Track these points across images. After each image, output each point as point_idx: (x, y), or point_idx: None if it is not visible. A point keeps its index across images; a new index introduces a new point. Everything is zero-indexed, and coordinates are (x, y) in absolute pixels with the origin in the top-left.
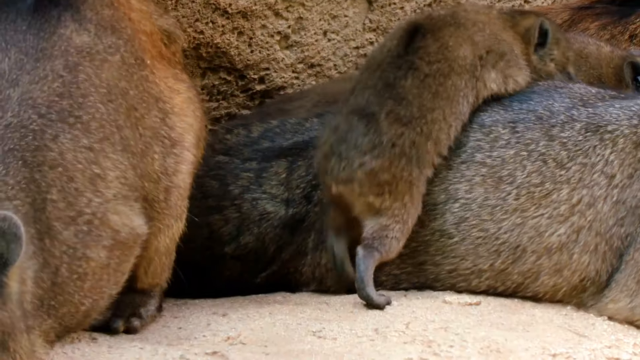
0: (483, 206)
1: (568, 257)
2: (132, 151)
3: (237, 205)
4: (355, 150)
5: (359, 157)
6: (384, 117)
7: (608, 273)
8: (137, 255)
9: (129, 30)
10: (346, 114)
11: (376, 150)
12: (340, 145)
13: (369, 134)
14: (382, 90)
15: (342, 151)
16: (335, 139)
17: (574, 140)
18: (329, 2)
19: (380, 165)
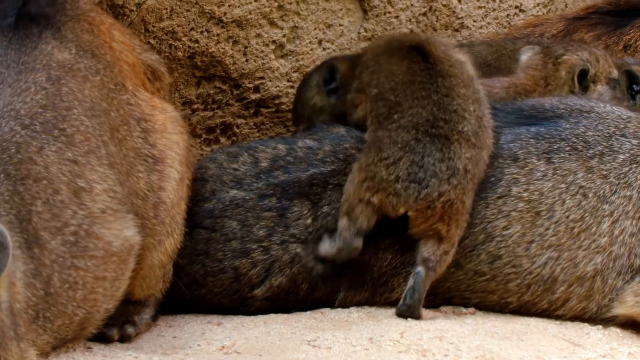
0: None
1: (602, 283)
2: (119, 169)
3: (265, 247)
4: (435, 178)
5: (439, 186)
6: (456, 139)
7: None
8: (132, 269)
9: (108, 57)
10: (414, 132)
11: (454, 178)
12: (418, 170)
13: (445, 160)
14: (438, 106)
15: (421, 178)
16: (409, 161)
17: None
18: (324, 11)
19: (457, 195)
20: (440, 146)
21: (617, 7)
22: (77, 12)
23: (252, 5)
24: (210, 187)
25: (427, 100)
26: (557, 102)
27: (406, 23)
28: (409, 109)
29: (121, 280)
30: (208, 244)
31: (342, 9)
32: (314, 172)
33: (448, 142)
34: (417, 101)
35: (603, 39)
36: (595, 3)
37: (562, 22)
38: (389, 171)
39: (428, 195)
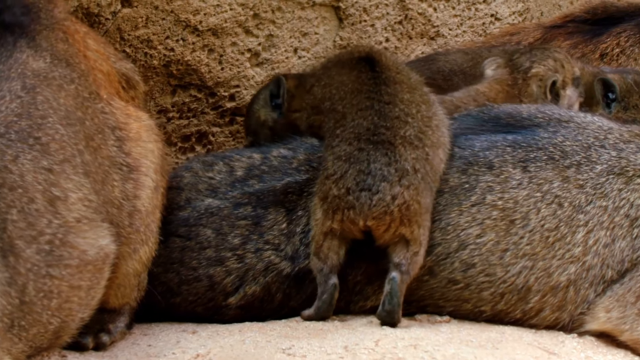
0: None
1: (575, 294)
2: (94, 177)
3: (239, 255)
4: (385, 182)
5: (390, 189)
6: (400, 142)
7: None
8: (107, 278)
9: (83, 66)
10: (356, 143)
11: (404, 179)
12: (366, 178)
13: (392, 163)
14: (379, 115)
15: (370, 185)
16: (356, 171)
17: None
18: (299, 19)
19: (411, 196)
20: (385, 151)
21: (594, 16)
22: (51, 21)
23: (228, 14)
24: (185, 195)
25: (369, 111)
26: (535, 111)
27: (382, 31)
28: (351, 121)
29: (96, 289)
30: (183, 253)
31: (318, 18)
32: (289, 181)
33: (392, 146)
34: (360, 112)
35: (580, 47)
36: (572, 12)
37: (539, 30)
38: (339, 186)
39: (381, 200)
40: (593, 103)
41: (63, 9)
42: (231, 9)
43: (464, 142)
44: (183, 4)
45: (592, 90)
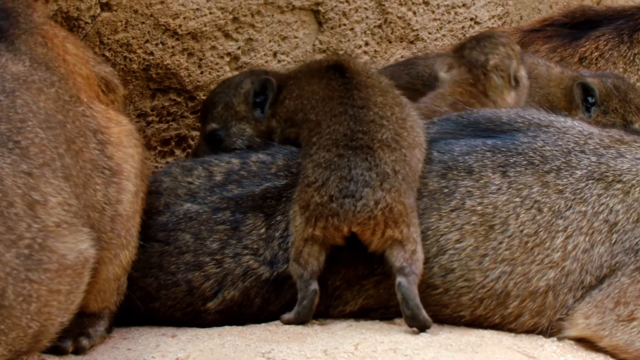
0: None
1: (554, 299)
2: (75, 181)
3: (218, 260)
4: (368, 187)
5: (373, 194)
6: (378, 146)
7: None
8: (87, 282)
9: (62, 69)
10: (335, 149)
11: (386, 183)
12: (348, 184)
13: (372, 168)
14: (354, 120)
15: (354, 191)
16: (337, 178)
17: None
18: (278, 23)
19: (393, 198)
20: (365, 156)
21: (573, 20)
22: (30, 26)
23: (207, 18)
24: (164, 200)
25: (344, 116)
26: (515, 116)
27: (361, 35)
28: (326, 128)
29: (76, 293)
30: (161, 257)
31: (297, 22)
32: (268, 186)
33: (371, 150)
34: (334, 118)
35: (559, 51)
36: (551, 16)
37: (517, 34)
38: (321, 194)
39: (365, 206)
40: (573, 107)
41: (42, 14)
42: (210, 13)
43: (443, 147)
44: (162, 8)
45: (571, 94)
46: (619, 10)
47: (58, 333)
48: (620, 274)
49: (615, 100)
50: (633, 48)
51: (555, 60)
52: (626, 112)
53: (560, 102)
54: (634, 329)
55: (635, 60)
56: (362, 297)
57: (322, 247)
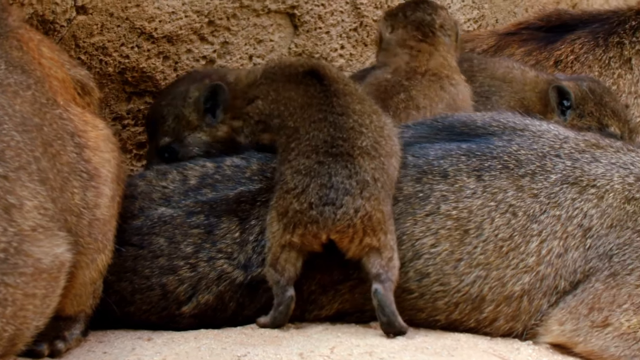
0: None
1: (528, 304)
2: (51, 185)
3: (192, 264)
4: (348, 195)
5: (353, 202)
6: (358, 154)
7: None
8: (63, 286)
9: (38, 73)
10: (314, 156)
11: (365, 191)
12: (329, 192)
13: (352, 176)
14: (334, 127)
15: (334, 199)
16: (317, 185)
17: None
18: (254, 26)
19: (372, 206)
20: (345, 163)
21: (549, 23)
22: (5, 30)
23: (183, 21)
24: (139, 204)
25: (323, 123)
26: (490, 119)
27: (337, 38)
28: (305, 134)
29: (52, 297)
30: (136, 261)
31: (273, 25)
32: (242, 190)
33: (351, 158)
34: (313, 125)
35: (534, 54)
36: (527, 19)
37: (493, 37)
38: (300, 201)
39: (345, 214)
40: (548, 110)
41: (17, 17)
42: (186, 16)
43: (418, 151)
44: (138, 11)
45: (547, 97)
46: (594, 14)
47: (34, 337)
48: (594, 280)
49: (590, 103)
50: (608, 51)
51: (531, 64)
52: (602, 115)
53: (535, 106)
54: (609, 335)
55: (611, 63)
56: (338, 301)
57: (300, 254)
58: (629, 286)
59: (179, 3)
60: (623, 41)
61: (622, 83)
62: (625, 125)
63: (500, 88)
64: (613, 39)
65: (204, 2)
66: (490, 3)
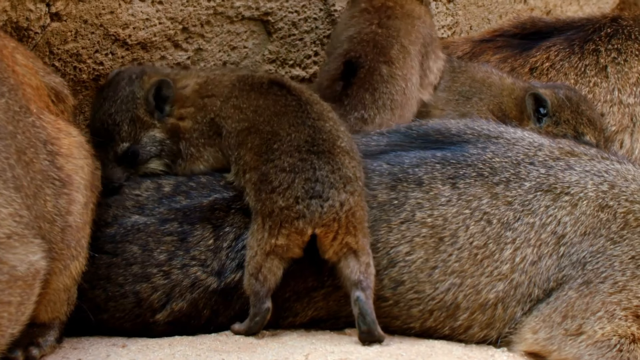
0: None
1: (503, 311)
2: (26, 192)
3: (165, 272)
4: (333, 188)
5: (338, 195)
6: (338, 152)
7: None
8: (38, 294)
9: (12, 80)
10: (297, 154)
11: (349, 185)
12: (314, 185)
13: (335, 171)
14: (313, 129)
15: (320, 192)
16: (303, 180)
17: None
18: (228, 33)
19: (356, 202)
20: (327, 159)
21: (523, 30)
22: None
23: (157, 28)
24: (112, 212)
25: (302, 126)
26: (464, 127)
27: (310, 45)
28: (287, 136)
29: (27, 305)
30: (109, 269)
31: (247, 31)
32: (217, 198)
33: (332, 155)
34: (293, 127)
35: (509, 61)
36: (501, 26)
37: (468, 44)
38: (286, 197)
39: (332, 207)
40: (524, 117)
41: None
42: (160, 23)
43: (393, 159)
44: (112, 18)
45: (523, 104)
46: (568, 22)
47: (8, 344)
48: (568, 288)
49: (567, 111)
50: (584, 59)
51: (506, 71)
52: (578, 123)
53: (511, 112)
54: (582, 343)
55: (586, 71)
56: (312, 308)
57: (282, 261)
58: (603, 294)
59: (153, 10)
60: (599, 48)
61: (597, 91)
62: (600, 134)
63: (480, 90)
64: (589, 46)
65: (177, 9)
66: (464, 10)
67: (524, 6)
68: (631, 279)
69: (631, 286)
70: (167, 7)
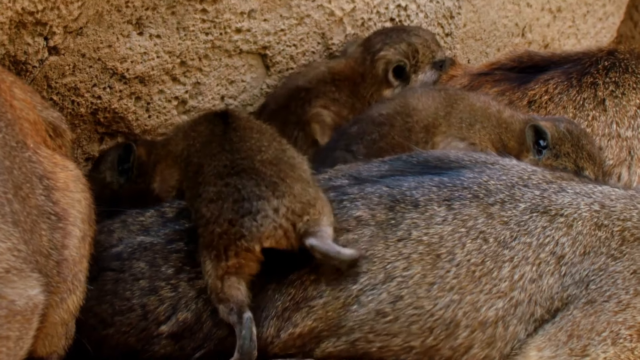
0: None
1: (503, 330)
2: (23, 227)
3: (173, 285)
4: (262, 199)
5: (269, 204)
6: (259, 165)
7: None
8: (36, 328)
9: (9, 115)
10: (220, 181)
11: (277, 191)
12: (242, 203)
13: (259, 184)
14: (232, 152)
15: (249, 208)
16: (230, 203)
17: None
18: (226, 67)
19: (290, 202)
20: (249, 176)
21: (521, 64)
22: None
23: (155, 62)
24: (117, 235)
25: (222, 153)
26: (463, 155)
27: None
28: (208, 166)
29: (25, 339)
30: (116, 284)
31: (245, 65)
32: None
33: (253, 169)
34: (213, 157)
35: (507, 94)
36: (499, 59)
37: (466, 77)
38: (219, 222)
39: (266, 218)
40: (524, 149)
41: None
42: (158, 57)
43: (392, 182)
44: (110, 52)
45: (522, 136)
46: (564, 56)
47: None
48: (573, 307)
49: (567, 144)
50: (582, 92)
51: (505, 103)
52: (578, 157)
53: (510, 142)
54: None
55: (585, 104)
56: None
57: (239, 277)
58: (608, 313)
59: (151, 44)
60: (597, 81)
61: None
62: (599, 169)
63: (482, 118)
64: (587, 79)
65: (175, 43)
66: (462, 44)
67: (521, 40)
68: (634, 296)
69: (635, 303)
70: (164, 41)
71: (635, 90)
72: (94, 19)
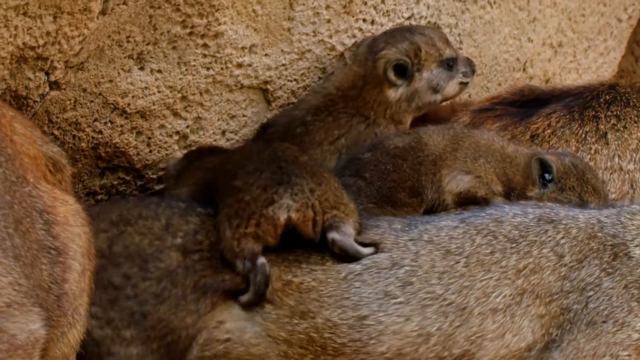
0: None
1: (510, 319)
2: (24, 261)
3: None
4: (301, 177)
5: (307, 184)
6: (301, 159)
7: (545, 342)
8: None
9: (9, 150)
10: (260, 162)
11: (315, 178)
12: (281, 175)
13: (300, 168)
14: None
15: (288, 179)
16: (269, 173)
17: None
18: (227, 102)
19: (324, 190)
20: (291, 162)
21: (522, 98)
22: None
23: (156, 96)
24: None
25: (262, 152)
26: None
27: None
28: (248, 161)
29: None
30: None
31: (246, 100)
32: None
33: (295, 160)
34: (255, 157)
35: (510, 128)
36: (500, 94)
37: (467, 114)
38: (251, 190)
39: (302, 192)
40: (529, 183)
41: None
42: (159, 92)
43: None
44: (111, 87)
45: (527, 170)
46: (565, 90)
47: None
48: (577, 331)
49: (572, 178)
50: (584, 126)
51: (507, 138)
52: (583, 191)
53: (515, 177)
54: None
55: (587, 138)
56: None
57: (257, 241)
58: (607, 335)
59: (152, 78)
60: (599, 115)
61: (599, 158)
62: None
63: (486, 153)
64: (588, 112)
65: (176, 78)
66: None
67: (523, 74)
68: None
69: (629, 321)
70: (165, 76)
71: (636, 124)
72: (95, 53)
